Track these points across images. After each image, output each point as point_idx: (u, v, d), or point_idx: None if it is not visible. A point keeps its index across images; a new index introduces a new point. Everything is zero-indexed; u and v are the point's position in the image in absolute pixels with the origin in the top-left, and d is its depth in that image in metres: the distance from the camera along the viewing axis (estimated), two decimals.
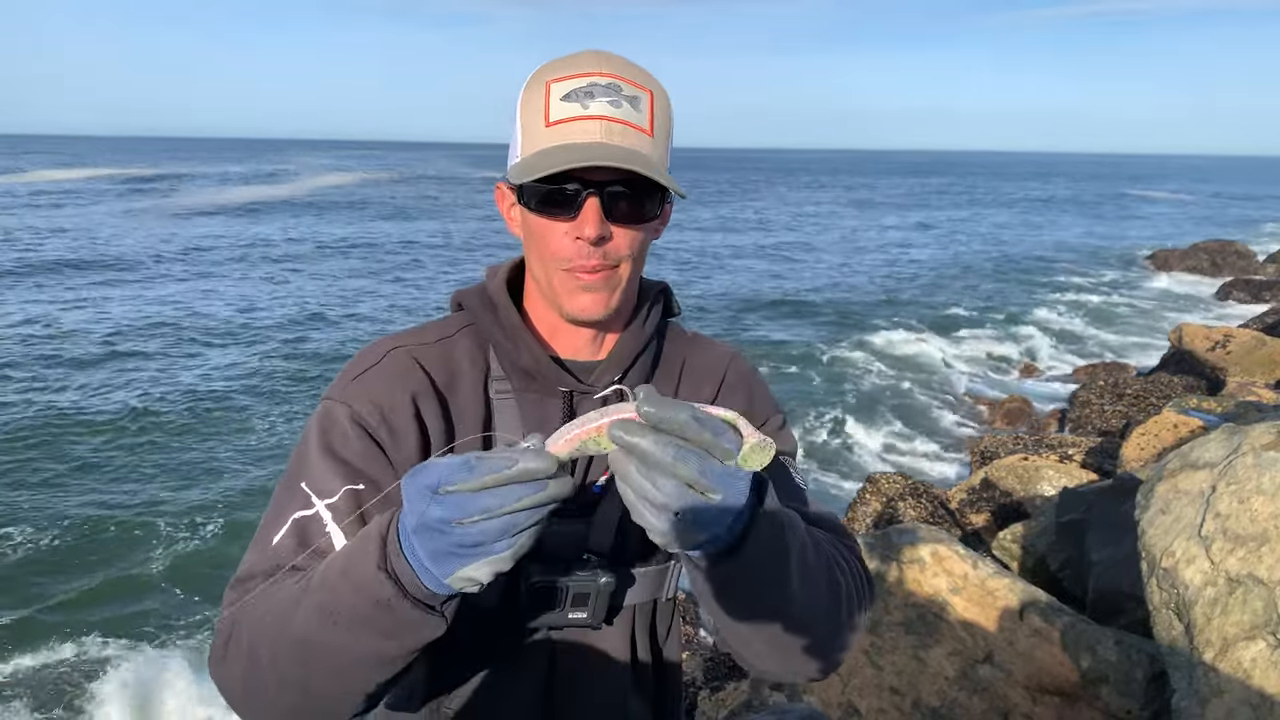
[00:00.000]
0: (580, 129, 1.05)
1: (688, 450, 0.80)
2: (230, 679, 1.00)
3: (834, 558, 1.10)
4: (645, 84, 1.10)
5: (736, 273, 24.21)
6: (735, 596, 0.97)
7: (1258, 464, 2.68)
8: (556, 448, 0.82)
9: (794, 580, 0.98)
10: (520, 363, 1.16)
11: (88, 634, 6.22)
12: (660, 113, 1.10)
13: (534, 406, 1.17)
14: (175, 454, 9.71)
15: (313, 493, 1.07)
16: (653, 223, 1.13)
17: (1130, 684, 3.00)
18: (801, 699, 3.47)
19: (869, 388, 12.93)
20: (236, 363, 13.47)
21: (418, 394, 1.13)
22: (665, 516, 0.82)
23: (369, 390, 1.13)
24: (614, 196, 1.06)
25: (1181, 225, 38.64)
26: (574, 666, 1.21)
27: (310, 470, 1.09)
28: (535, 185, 1.06)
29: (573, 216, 1.06)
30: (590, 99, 1.05)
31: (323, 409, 1.14)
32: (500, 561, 0.83)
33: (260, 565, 1.05)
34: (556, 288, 1.11)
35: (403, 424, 1.11)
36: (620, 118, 1.06)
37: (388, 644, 0.90)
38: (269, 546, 1.06)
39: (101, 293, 18.71)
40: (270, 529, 1.07)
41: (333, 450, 1.09)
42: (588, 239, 1.06)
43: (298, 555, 1.04)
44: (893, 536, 3.55)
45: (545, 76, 1.08)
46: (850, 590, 1.10)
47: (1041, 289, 22.05)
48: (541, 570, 1.12)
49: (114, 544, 7.59)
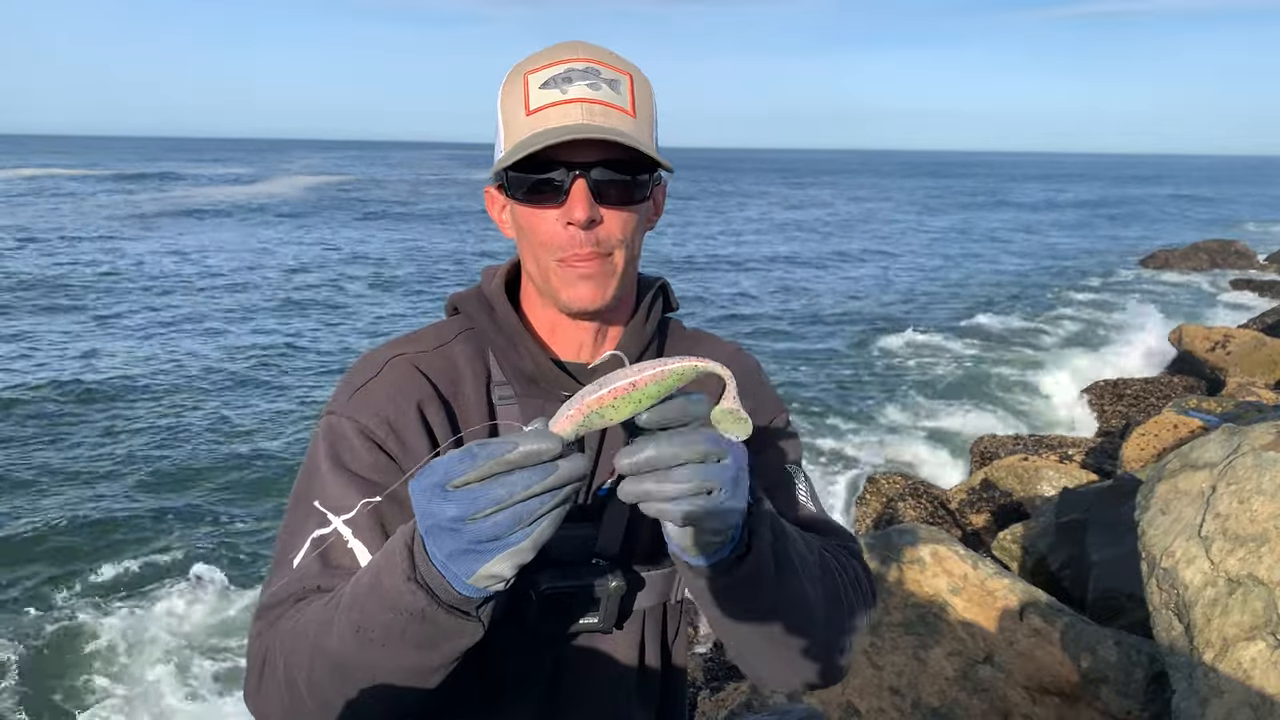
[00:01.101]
0: (561, 113, 1.03)
1: (688, 460, 0.82)
2: (269, 711, 0.99)
3: (830, 562, 1.09)
4: (624, 68, 1.08)
5: (736, 273, 24.21)
6: (738, 603, 0.97)
7: (1258, 464, 2.68)
8: (560, 425, 0.80)
9: (793, 585, 0.98)
10: (521, 367, 1.15)
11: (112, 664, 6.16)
12: (641, 95, 1.08)
13: (536, 411, 1.14)
14: (177, 454, 9.71)
15: (328, 510, 1.05)
16: (643, 205, 1.11)
17: (1130, 684, 3.00)
18: (801, 699, 3.47)
19: (868, 388, 12.93)
20: (234, 362, 13.47)
21: (423, 402, 1.12)
22: (683, 511, 0.83)
23: (373, 402, 1.11)
24: (602, 178, 1.04)
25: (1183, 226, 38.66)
26: (583, 671, 1.20)
27: (322, 487, 1.07)
28: (521, 176, 1.05)
29: (561, 202, 1.05)
30: (568, 84, 1.04)
31: (327, 424, 1.12)
32: (521, 553, 0.81)
33: (286, 590, 1.02)
34: (552, 280, 1.09)
35: (411, 434, 1.10)
36: (600, 99, 1.04)
37: (428, 655, 0.89)
38: (291, 569, 1.04)
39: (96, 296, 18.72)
40: (289, 550, 1.05)
41: (343, 465, 1.08)
42: (578, 222, 1.04)
43: (322, 575, 1.02)
44: (893, 536, 3.55)
45: (523, 69, 1.07)
46: (849, 594, 1.10)
47: (1041, 289, 22.04)
48: (551, 575, 1.11)
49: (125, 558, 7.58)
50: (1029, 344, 15.98)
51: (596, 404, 0.80)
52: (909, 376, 13.59)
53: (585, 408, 0.80)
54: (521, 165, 1.04)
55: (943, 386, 13.04)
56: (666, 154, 1.09)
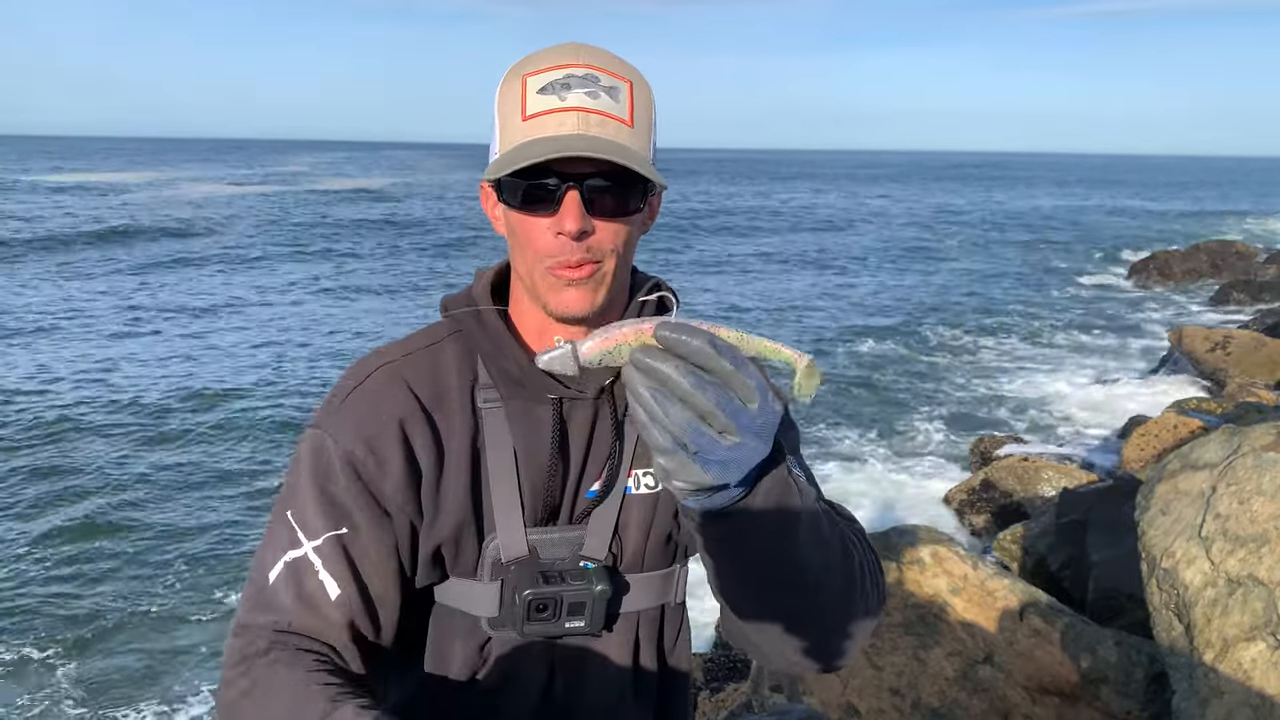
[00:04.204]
0: (557, 121, 1.02)
1: (707, 383, 0.77)
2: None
3: (847, 534, 1.06)
4: (624, 74, 1.07)
5: (736, 273, 24.23)
6: (739, 559, 0.94)
7: (1258, 465, 2.68)
8: (586, 352, 0.79)
9: (804, 547, 0.94)
10: (507, 370, 1.14)
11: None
12: (641, 103, 1.07)
13: (523, 415, 1.15)
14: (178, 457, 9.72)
15: (299, 528, 1.08)
16: (637, 215, 1.09)
17: (1130, 685, 3.00)
18: (801, 700, 3.46)
19: (868, 388, 12.93)
20: (230, 365, 13.48)
21: (405, 419, 1.12)
22: (670, 440, 0.79)
23: (355, 418, 1.12)
24: (594, 189, 1.03)
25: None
26: (574, 674, 1.20)
27: (299, 502, 1.10)
28: (514, 181, 1.04)
29: (553, 212, 1.04)
30: (567, 91, 1.03)
31: (311, 439, 1.13)
32: None
33: (264, 616, 1.06)
34: (540, 286, 1.08)
35: (389, 451, 1.10)
36: (598, 109, 1.03)
37: None
38: (267, 586, 1.07)
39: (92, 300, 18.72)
40: (265, 565, 1.08)
41: (321, 486, 1.10)
42: (569, 234, 1.03)
43: (296, 613, 1.05)
44: (893, 536, 3.55)
45: (522, 70, 1.06)
46: (863, 563, 1.05)
47: (1041, 289, 22.05)
48: (537, 579, 1.11)
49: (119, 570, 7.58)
50: (1029, 344, 15.99)
51: (620, 340, 0.79)
52: (908, 376, 13.60)
53: (611, 340, 0.79)
54: (516, 171, 1.03)
55: (942, 386, 13.04)
56: (666, 154, 1.08)
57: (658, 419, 0.78)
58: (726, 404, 0.78)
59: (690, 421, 0.78)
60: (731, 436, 0.80)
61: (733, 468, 0.83)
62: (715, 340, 0.78)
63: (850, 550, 1.04)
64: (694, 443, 0.79)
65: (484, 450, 1.14)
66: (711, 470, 0.81)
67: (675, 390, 0.77)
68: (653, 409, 0.78)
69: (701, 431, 0.79)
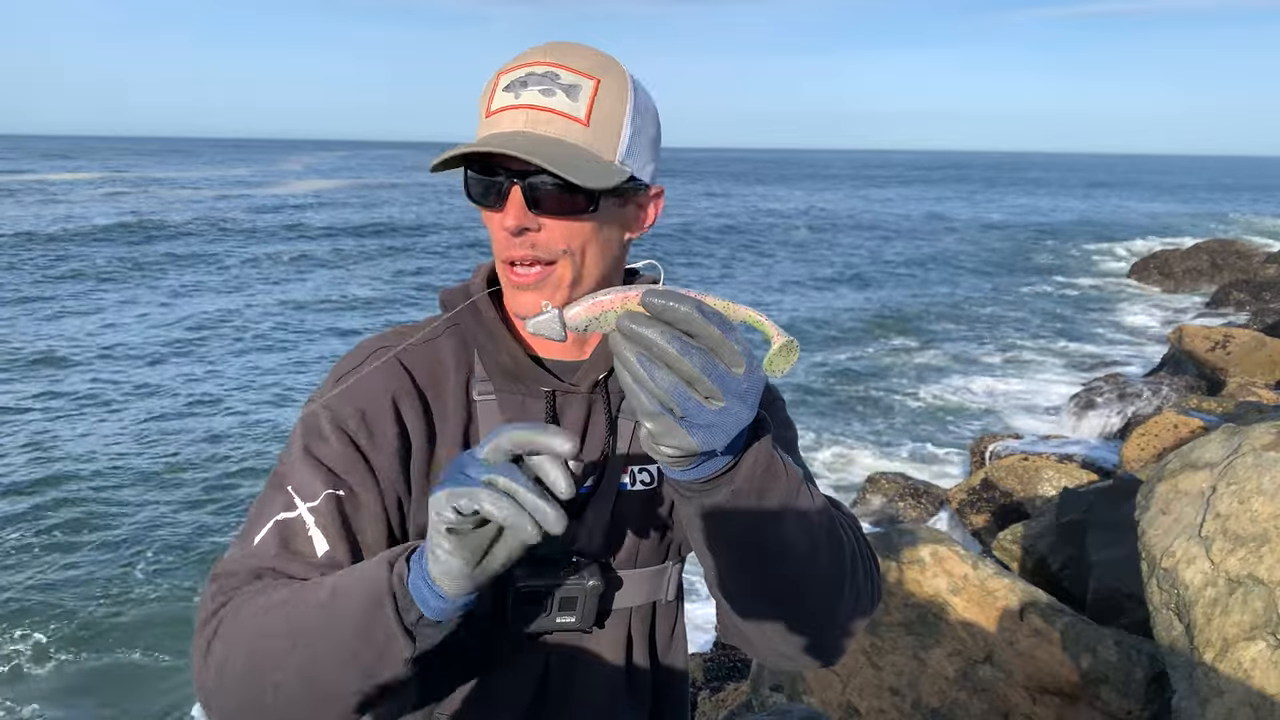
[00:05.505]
0: (508, 119, 1.03)
1: (693, 348, 0.78)
2: (224, 703, 1.00)
3: (840, 520, 1.05)
4: (592, 72, 1.05)
5: (734, 274, 24.23)
6: (725, 530, 0.94)
7: (1258, 464, 2.68)
8: (572, 317, 0.81)
9: (790, 523, 0.94)
10: (501, 363, 1.15)
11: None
12: (606, 102, 1.05)
13: (516, 407, 1.15)
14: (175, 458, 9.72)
15: (296, 494, 1.08)
16: (597, 214, 1.07)
17: (1130, 684, 3.00)
18: (801, 700, 3.46)
19: (867, 388, 12.93)
20: (230, 365, 13.48)
21: (398, 395, 1.13)
22: (657, 404, 0.79)
23: (351, 393, 1.12)
24: (537, 187, 1.02)
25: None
26: (567, 670, 1.20)
27: (294, 473, 1.10)
28: (473, 176, 1.06)
29: (500, 207, 1.05)
30: (524, 88, 1.04)
31: (307, 412, 1.14)
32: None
33: (242, 563, 1.05)
34: (503, 284, 1.10)
35: (382, 425, 1.11)
36: (550, 106, 1.03)
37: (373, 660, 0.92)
38: (251, 544, 1.06)
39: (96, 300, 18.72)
40: (254, 527, 1.08)
41: (314, 454, 1.10)
42: (509, 229, 1.03)
43: (278, 559, 1.04)
44: (893, 536, 3.55)
45: (500, 68, 1.08)
46: (855, 551, 1.05)
47: (1041, 289, 22.06)
48: (528, 572, 1.11)
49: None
50: (1029, 344, 15.99)
51: (608, 306, 0.80)
52: (908, 377, 13.59)
53: (598, 307, 0.81)
54: (473, 166, 1.05)
55: (942, 386, 13.04)
56: (666, 154, 1.08)
57: (644, 383, 0.79)
58: (712, 369, 0.79)
59: (676, 386, 0.79)
60: (717, 401, 0.81)
61: (718, 432, 0.83)
62: (703, 306, 0.79)
63: (841, 536, 1.03)
64: (680, 406, 0.79)
65: (475, 441, 1.14)
66: (697, 435, 0.82)
67: (661, 355, 0.78)
68: (639, 373, 0.79)
69: (688, 396, 0.79)
